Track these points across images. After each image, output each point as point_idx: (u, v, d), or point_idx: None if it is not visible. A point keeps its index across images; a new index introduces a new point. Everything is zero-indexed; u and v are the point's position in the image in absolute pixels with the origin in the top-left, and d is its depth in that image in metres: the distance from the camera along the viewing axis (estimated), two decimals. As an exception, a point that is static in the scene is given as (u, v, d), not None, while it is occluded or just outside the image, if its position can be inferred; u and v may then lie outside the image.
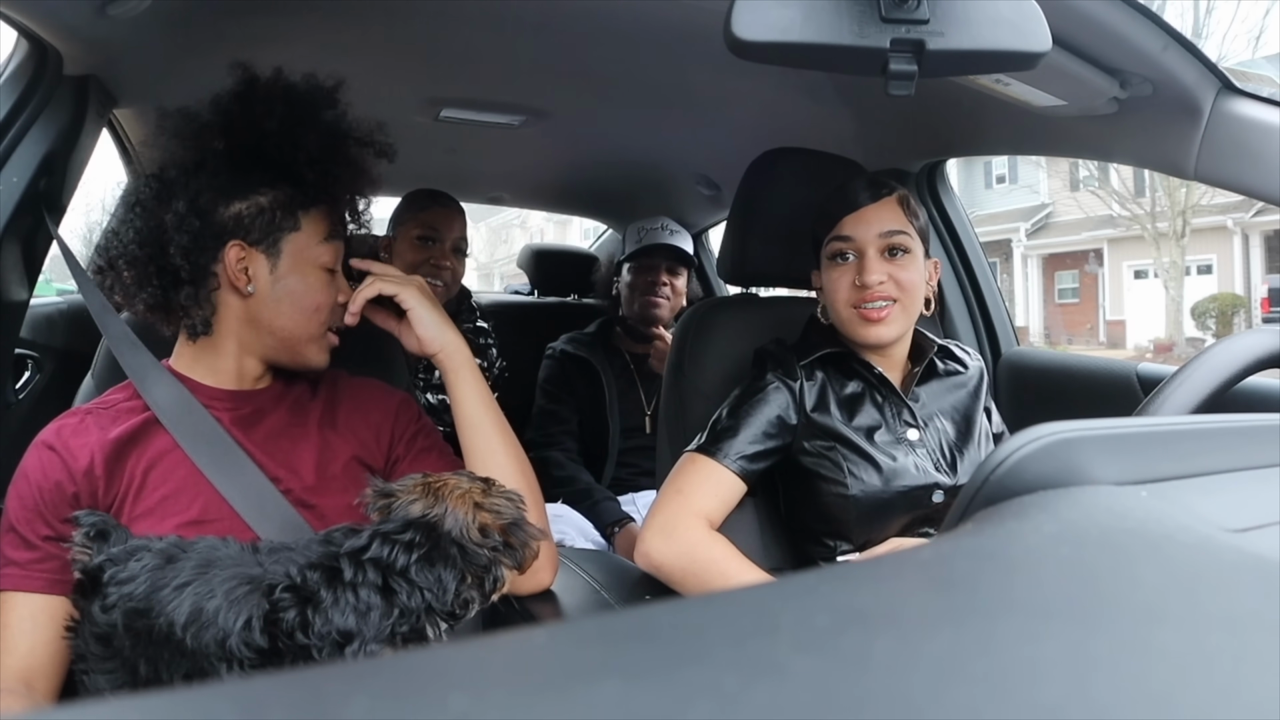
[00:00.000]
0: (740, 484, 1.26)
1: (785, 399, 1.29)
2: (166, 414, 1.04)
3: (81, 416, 1.05)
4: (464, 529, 0.86)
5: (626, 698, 0.21)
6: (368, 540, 0.85)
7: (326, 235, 1.10)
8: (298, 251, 1.08)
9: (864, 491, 1.25)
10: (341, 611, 0.82)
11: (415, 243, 1.99)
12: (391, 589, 0.83)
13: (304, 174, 1.08)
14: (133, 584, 0.87)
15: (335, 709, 0.20)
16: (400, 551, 0.84)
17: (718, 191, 2.52)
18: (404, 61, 1.70)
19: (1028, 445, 0.40)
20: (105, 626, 0.87)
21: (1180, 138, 1.21)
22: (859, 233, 1.28)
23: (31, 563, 0.97)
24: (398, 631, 0.83)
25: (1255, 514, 0.41)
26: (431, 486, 0.89)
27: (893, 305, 1.27)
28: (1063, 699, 0.22)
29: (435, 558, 0.85)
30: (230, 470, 1.03)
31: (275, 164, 1.07)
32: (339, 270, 1.13)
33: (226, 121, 1.08)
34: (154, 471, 1.02)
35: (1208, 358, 0.80)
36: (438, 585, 0.84)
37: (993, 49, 0.73)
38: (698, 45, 1.39)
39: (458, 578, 0.85)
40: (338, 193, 1.12)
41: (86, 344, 1.29)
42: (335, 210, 1.12)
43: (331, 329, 1.11)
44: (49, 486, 0.99)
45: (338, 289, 1.11)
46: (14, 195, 1.30)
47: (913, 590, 0.31)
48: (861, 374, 1.32)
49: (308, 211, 1.09)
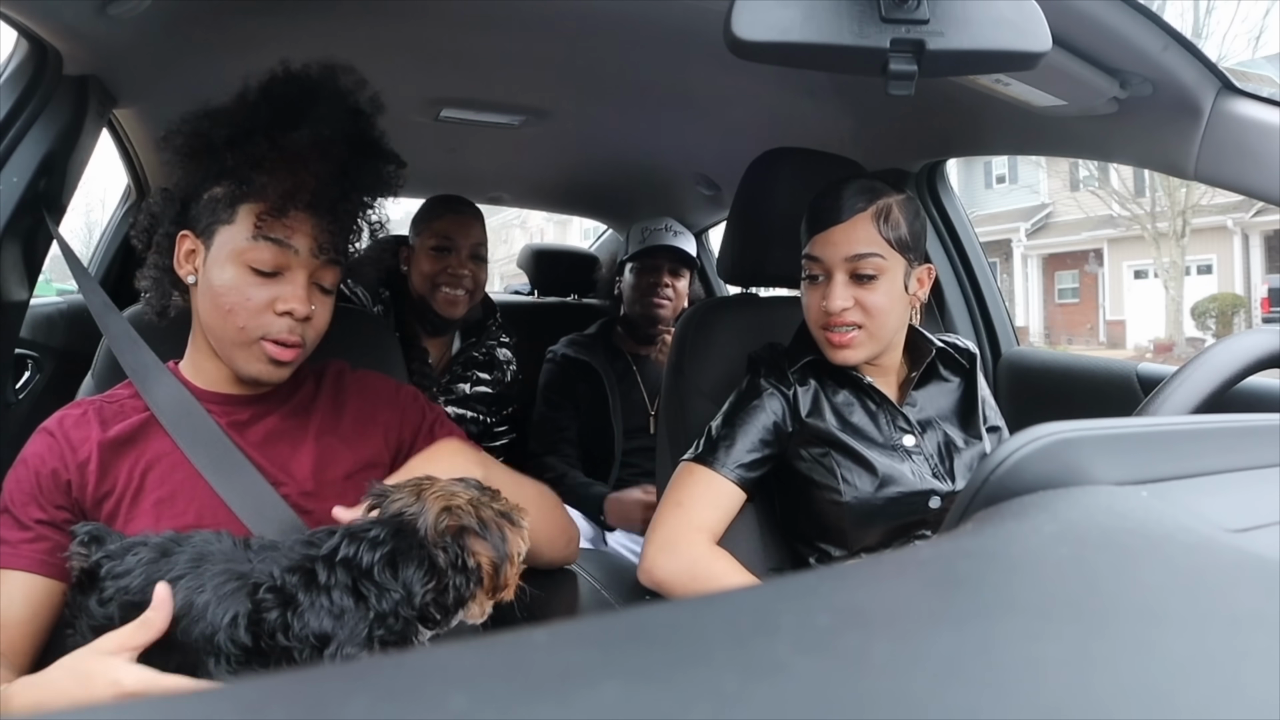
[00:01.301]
0: (739, 493, 1.26)
1: (780, 405, 1.29)
2: (165, 414, 1.04)
3: (85, 409, 1.05)
4: (427, 530, 0.84)
5: (627, 698, 0.21)
6: (339, 540, 0.85)
7: (253, 234, 1.01)
8: (224, 244, 1.02)
9: (857, 498, 1.24)
10: (317, 615, 0.82)
11: (431, 253, 1.95)
12: (361, 592, 0.82)
13: (245, 173, 1.02)
14: (128, 577, 0.88)
15: (335, 709, 0.20)
16: (365, 549, 0.83)
17: (718, 191, 2.52)
18: (404, 61, 1.70)
19: (1028, 445, 0.40)
20: (102, 619, 0.88)
21: (1180, 138, 1.21)
22: (826, 254, 1.25)
23: (22, 542, 0.97)
24: (375, 635, 0.82)
25: (1256, 514, 0.41)
26: (420, 487, 0.88)
27: (858, 331, 1.24)
28: (1063, 699, 0.22)
29: (402, 558, 0.83)
30: (229, 472, 1.02)
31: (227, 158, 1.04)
32: (291, 277, 1.02)
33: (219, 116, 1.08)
34: (152, 473, 1.02)
35: (1208, 358, 0.80)
36: (404, 588, 0.82)
37: (993, 49, 0.73)
38: (698, 45, 1.39)
39: (425, 581, 0.83)
40: (272, 192, 1.01)
41: (86, 344, 1.29)
42: (280, 211, 1.01)
43: (269, 339, 1.02)
44: (45, 472, 1.00)
45: (276, 296, 1.01)
46: (14, 195, 1.30)
47: (913, 590, 0.31)
48: (851, 383, 1.31)
49: (246, 205, 1.02)
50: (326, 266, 1.05)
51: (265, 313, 1.01)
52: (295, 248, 1.02)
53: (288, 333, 1.02)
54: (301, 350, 1.05)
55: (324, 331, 1.08)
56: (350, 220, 1.08)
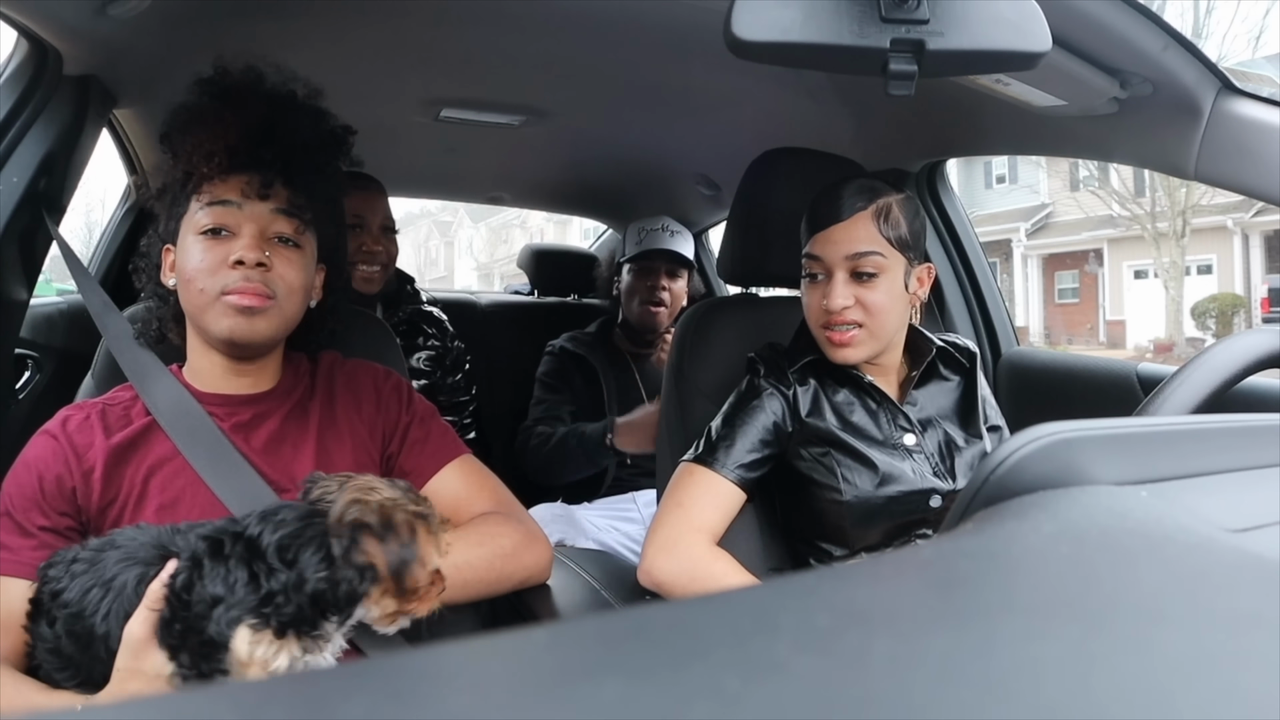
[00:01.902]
0: (739, 493, 1.26)
1: (780, 405, 1.29)
2: (164, 415, 1.04)
3: (88, 412, 1.05)
4: (331, 519, 0.84)
5: (627, 697, 0.21)
6: (252, 518, 0.87)
7: (198, 206, 1.05)
8: (185, 232, 1.06)
9: (857, 497, 1.24)
10: (213, 581, 0.84)
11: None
12: (253, 570, 0.84)
13: (176, 158, 1.08)
14: (67, 591, 0.89)
15: (335, 709, 0.20)
16: (268, 530, 0.85)
17: (718, 191, 2.52)
18: (404, 61, 1.70)
19: (1028, 445, 0.40)
20: (52, 640, 0.90)
21: (1180, 138, 1.21)
22: (827, 253, 1.25)
23: (25, 549, 0.97)
24: (266, 612, 0.82)
25: (1255, 514, 0.41)
26: (347, 479, 0.89)
27: (858, 330, 1.24)
28: (1063, 699, 0.22)
29: (301, 543, 0.84)
30: (229, 475, 1.02)
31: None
32: (241, 231, 1.04)
33: None
34: (155, 478, 1.02)
35: (1208, 358, 0.80)
36: (297, 573, 0.83)
37: (993, 49, 0.73)
38: (698, 45, 1.39)
39: (318, 568, 0.83)
40: (197, 159, 1.04)
41: (86, 344, 1.29)
42: (207, 174, 1.05)
43: (227, 291, 1.03)
44: (50, 478, 1.00)
45: (229, 253, 1.02)
46: (14, 195, 1.30)
47: (913, 590, 0.31)
48: (852, 381, 1.31)
49: (189, 188, 1.06)
50: (278, 216, 1.06)
51: (220, 269, 1.03)
52: (234, 202, 1.04)
53: (244, 281, 1.03)
54: (272, 302, 1.04)
55: (298, 288, 1.07)
56: (289, 171, 1.07)
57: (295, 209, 1.07)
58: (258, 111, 1.07)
